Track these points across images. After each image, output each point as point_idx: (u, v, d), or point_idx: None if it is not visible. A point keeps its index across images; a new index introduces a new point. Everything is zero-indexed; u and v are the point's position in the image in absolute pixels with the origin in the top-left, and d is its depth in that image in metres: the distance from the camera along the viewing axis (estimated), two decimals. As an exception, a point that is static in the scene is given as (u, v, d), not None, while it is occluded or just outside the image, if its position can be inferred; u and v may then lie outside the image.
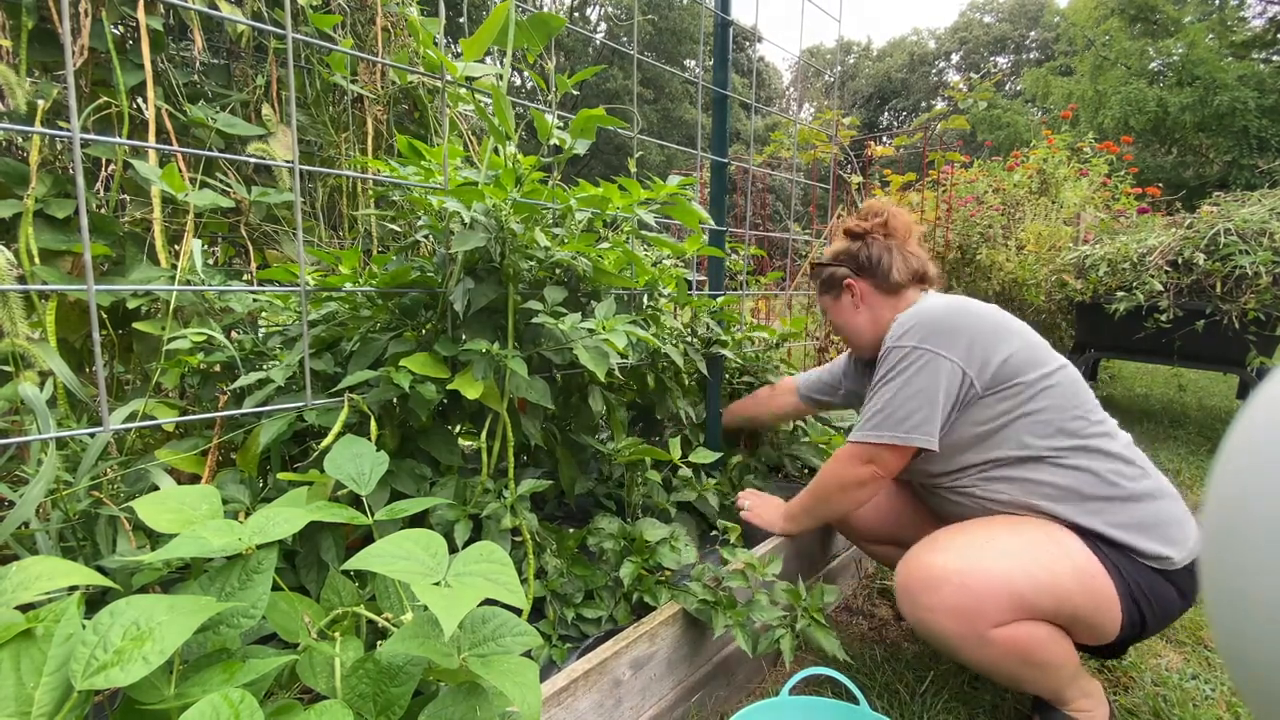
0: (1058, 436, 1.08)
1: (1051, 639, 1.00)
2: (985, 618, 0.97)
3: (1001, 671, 1.02)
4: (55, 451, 0.81)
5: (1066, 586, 0.99)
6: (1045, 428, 1.08)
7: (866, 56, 37.67)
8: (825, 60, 30.99)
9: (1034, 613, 0.99)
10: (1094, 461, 1.07)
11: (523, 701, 0.63)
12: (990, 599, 0.97)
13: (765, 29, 9.99)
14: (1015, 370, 1.09)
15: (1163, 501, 1.07)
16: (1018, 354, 1.09)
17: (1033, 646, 0.99)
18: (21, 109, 1.02)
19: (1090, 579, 1.00)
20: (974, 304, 1.16)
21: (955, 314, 1.13)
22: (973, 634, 0.98)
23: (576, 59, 21.99)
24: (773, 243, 4.12)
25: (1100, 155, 4.44)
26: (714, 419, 1.61)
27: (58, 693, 0.53)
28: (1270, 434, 0.27)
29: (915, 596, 1.03)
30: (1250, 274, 2.61)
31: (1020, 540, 1.04)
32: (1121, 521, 1.04)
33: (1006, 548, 1.02)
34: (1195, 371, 4.76)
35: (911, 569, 1.06)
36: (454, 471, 1.11)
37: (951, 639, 1.00)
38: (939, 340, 1.10)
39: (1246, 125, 10.59)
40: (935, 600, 1.00)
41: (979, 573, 0.99)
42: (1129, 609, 1.01)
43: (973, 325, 1.11)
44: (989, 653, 0.99)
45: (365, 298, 1.16)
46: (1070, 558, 1.02)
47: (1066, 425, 1.08)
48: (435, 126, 1.65)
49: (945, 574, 1.00)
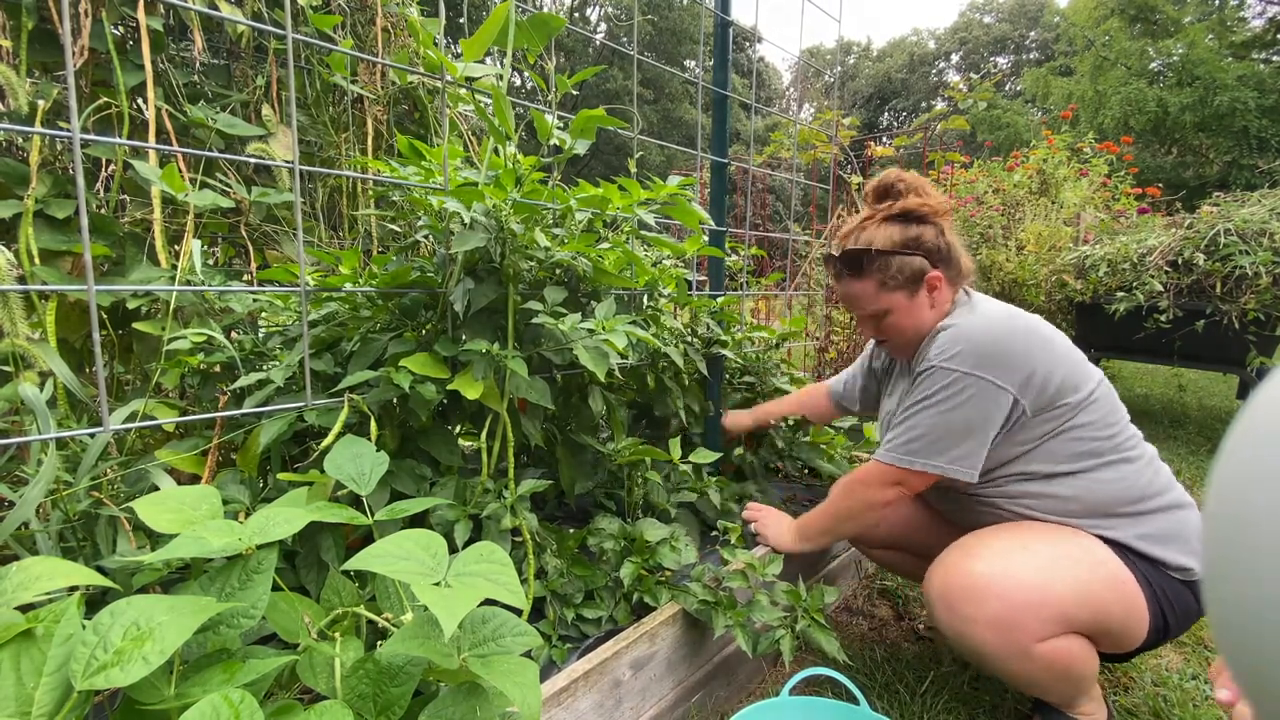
0: (1090, 453, 1.05)
1: (1087, 654, 0.99)
2: (1028, 632, 0.95)
3: (1036, 684, 1.00)
4: (55, 452, 0.81)
5: (1103, 598, 0.98)
6: (1080, 444, 1.05)
7: (866, 57, 37.68)
8: (825, 60, 30.99)
9: (1074, 626, 0.97)
10: (1122, 474, 1.04)
11: (523, 702, 0.63)
12: (1033, 613, 0.95)
13: (765, 29, 9.97)
14: (1063, 390, 1.04)
15: (1184, 512, 1.06)
16: (1068, 374, 1.04)
17: (1072, 661, 0.97)
18: (22, 109, 1.02)
19: (1124, 588, 0.99)
20: (1023, 317, 1.08)
21: (1010, 335, 1.04)
22: (1015, 648, 0.95)
23: (576, 59, 22.00)
24: (773, 243, 4.12)
25: (1100, 155, 4.44)
26: (714, 419, 1.61)
27: (58, 693, 0.53)
28: (1270, 434, 0.27)
29: (955, 606, 0.99)
30: (1250, 274, 2.61)
31: (1058, 551, 1.00)
32: (1147, 533, 1.03)
33: (1046, 559, 0.99)
34: (1195, 371, 4.76)
35: (951, 577, 1.01)
36: (454, 471, 1.11)
37: (991, 651, 0.97)
38: (994, 367, 1.02)
39: (1246, 125, 10.59)
40: (977, 612, 0.97)
41: (1023, 586, 0.95)
42: (1155, 617, 1.00)
43: (1026, 348, 1.03)
44: (1030, 667, 0.97)
45: (365, 298, 1.16)
46: (1105, 567, 1.00)
47: (1101, 439, 1.05)
48: (435, 127, 1.65)
49: (988, 584, 0.97)
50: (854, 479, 1.18)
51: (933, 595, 1.04)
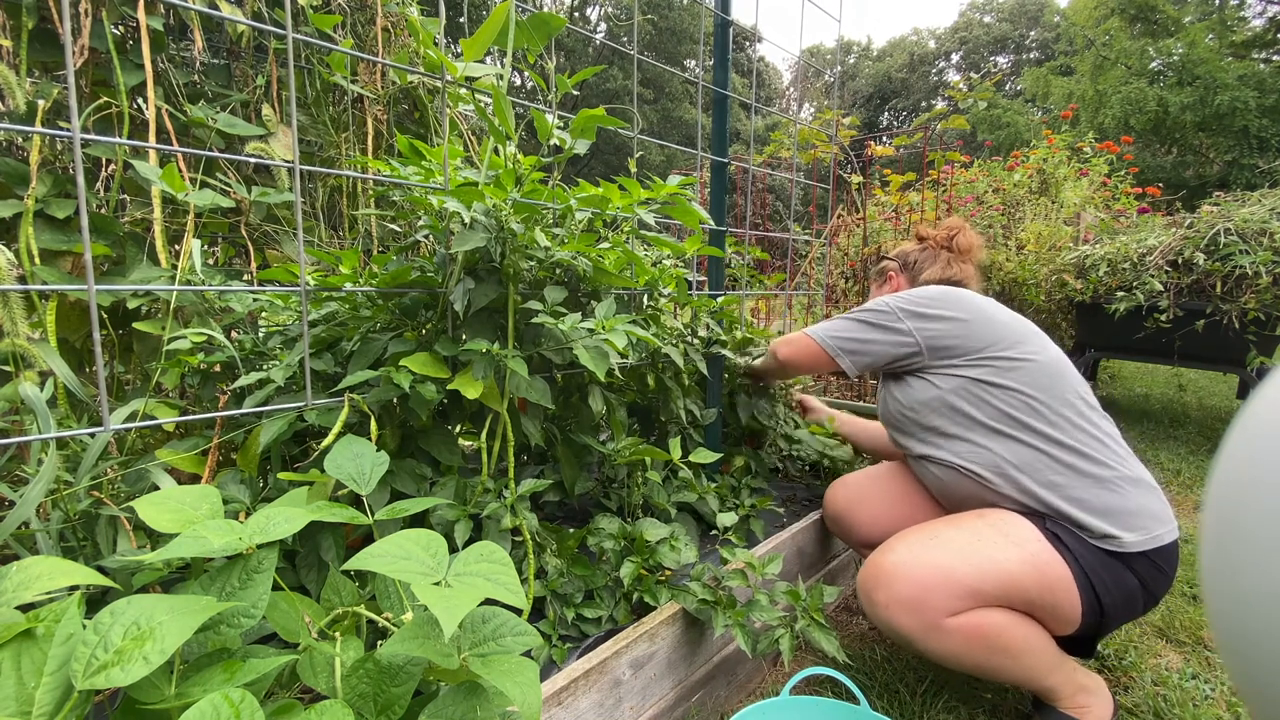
0: (1024, 413, 1.16)
1: (1011, 623, 1.04)
2: (935, 608, 1.02)
3: (968, 661, 1.04)
4: (55, 451, 0.81)
5: (1014, 572, 1.04)
6: (1009, 404, 1.17)
7: (866, 56, 37.65)
8: (825, 60, 30.98)
9: (983, 599, 1.03)
10: (1055, 445, 1.13)
11: (523, 701, 0.63)
12: (938, 589, 1.02)
13: (765, 29, 9.90)
14: (978, 345, 1.22)
15: (1129, 488, 1.10)
16: (982, 333, 1.23)
17: (991, 632, 1.03)
18: (21, 109, 1.02)
19: (1042, 565, 1.05)
20: (962, 295, 1.31)
21: (940, 296, 1.30)
22: (926, 624, 1.03)
23: (576, 59, 21.99)
24: (773, 243, 4.12)
25: (1100, 155, 4.43)
26: (714, 419, 1.61)
27: (58, 692, 0.53)
28: (1270, 434, 0.27)
29: (870, 594, 1.09)
30: (1250, 274, 2.61)
31: (969, 536, 1.09)
32: (1075, 498, 1.09)
33: (955, 544, 1.07)
34: (1195, 371, 4.76)
35: (866, 571, 1.12)
36: (454, 471, 1.11)
37: (909, 631, 1.04)
38: (909, 305, 1.30)
39: (1247, 125, 10.58)
40: (886, 595, 1.05)
41: (923, 565, 1.05)
42: (1087, 595, 1.05)
43: (948, 304, 1.28)
44: (949, 642, 1.03)
45: (365, 298, 1.16)
46: (1021, 546, 1.06)
47: (1033, 405, 1.16)
48: (435, 126, 1.65)
49: (893, 569, 1.06)
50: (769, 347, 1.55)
51: (858, 591, 1.13)
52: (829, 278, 3.34)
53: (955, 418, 1.23)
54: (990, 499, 1.18)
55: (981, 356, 1.22)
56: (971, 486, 1.21)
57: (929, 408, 1.26)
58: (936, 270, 1.48)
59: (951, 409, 1.23)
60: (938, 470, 1.27)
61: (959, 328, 1.25)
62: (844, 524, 1.47)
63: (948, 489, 1.26)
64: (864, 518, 1.43)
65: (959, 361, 1.24)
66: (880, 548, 1.13)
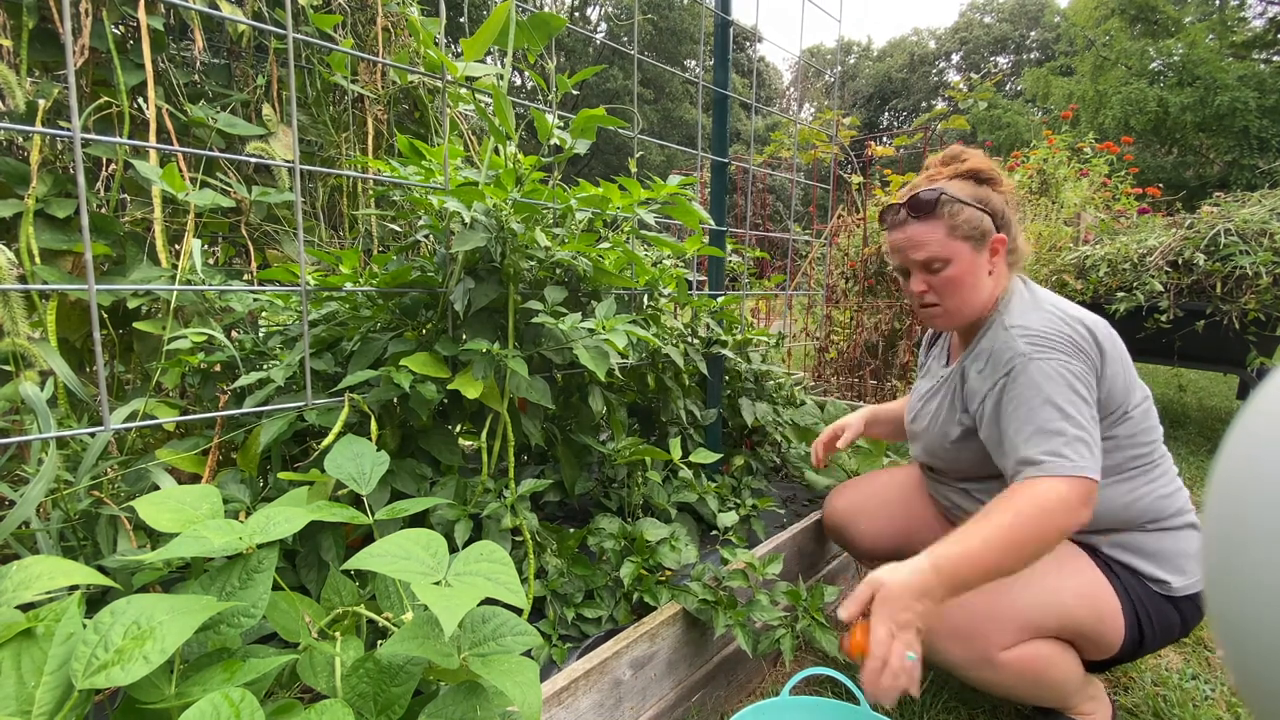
0: (1114, 467, 1.02)
1: (1058, 655, 0.99)
2: (991, 641, 0.95)
3: (1013, 693, 1.00)
4: (56, 451, 0.81)
5: (1070, 605, 0.98)
6: (1108, 456, 0.99)
7: (867, 56, 37.66)
8: (825, 60, 30.99)
9: (1040, 632, 0.97)
10: (1138, 493, 1.03)
11: (523, 701, 0.63)
12: (995, 621, 0.95)
13: (765, 29, 9.88)
14: (1113, 395, 1.01)
15: (1184, 532, 1.05)
16: (1125, 378, 1.02)
17: (1041, 666, 0.97)
18: (21, 109, 1.02)
19: (1095, 597, 0.99)
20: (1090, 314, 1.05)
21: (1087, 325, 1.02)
22: (979, 658, 0.96)
23: (577, 59, 21.99)
24: (773, 242, 4.12)
25: (1100, 155, 4.43)
26: (714, 419, 1.61)
27: (58, 692, 0.54)
28: (1270, 434, 0.27)
29: None
30: (1250, 274, 2.61)
31: None
32: (1134, 545, 1.03)
33: None
34: (1195, 371, 4.76)
35: None
36: (454, 471, 1.11)
37: (956, 662, 0.98)
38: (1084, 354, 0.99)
39: (1247, 125, 10.57)
40: (939, 624, 0.93)
41: (983, 594, 0.90)
42: (1131, 626, 1.00)
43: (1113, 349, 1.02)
44: (999, 676, 0.97)
45: (365, 298, 1.16)
46: (1076, 575, 1.00)
47: (1127, 456, 1.03)
48: (436, 126, 1.65)
49: None
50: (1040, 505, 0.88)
51: None
52: (829, 278, 3.34)
53: None
54: None
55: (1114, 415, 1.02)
56: None
57: None
58: (1019, 231, 1.13)
59: None
60: (982, 498, 1.10)
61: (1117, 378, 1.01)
62: (845, 535, 1.40)
63: None
64: (866, 529, 1.36)
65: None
66: None
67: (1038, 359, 0.96)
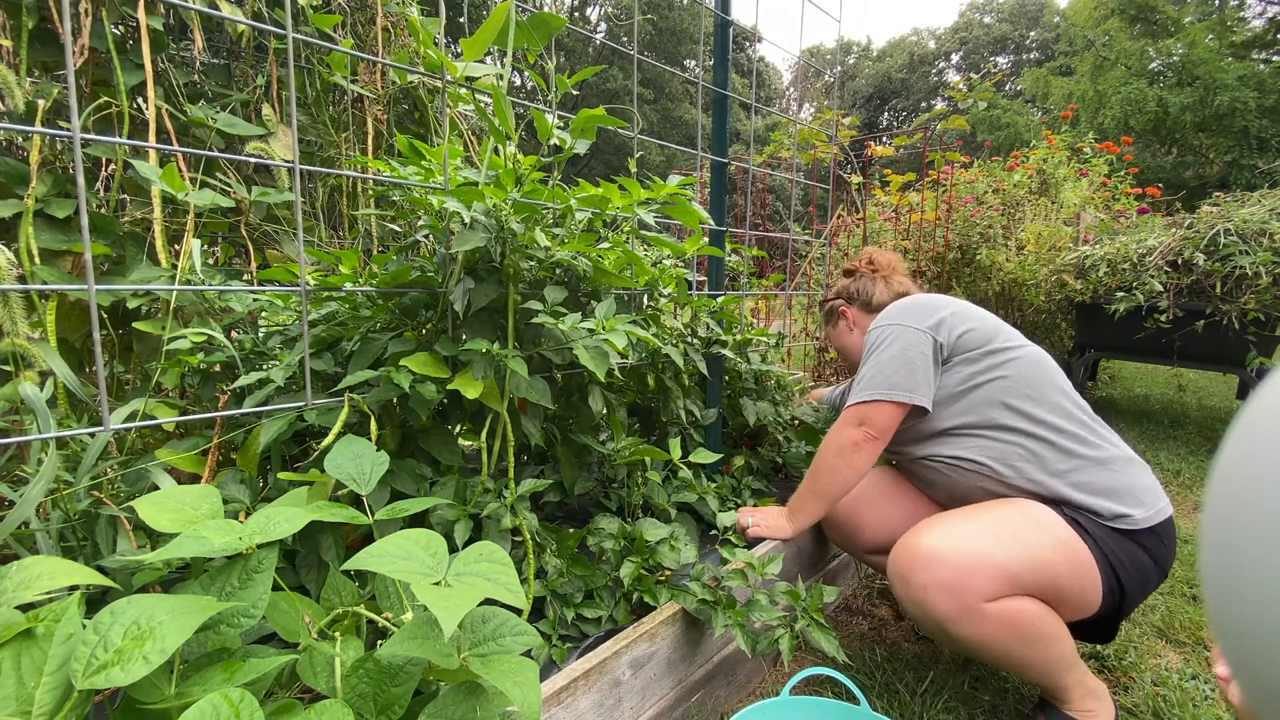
0: (1023, 403, 1.18)
1: (1043, 614, 1.05)
2: (975, 591, 1.02)
3: (998, 649, 1.05)
4: (55, 451, 0.81)
5: (1048, 558, 1.05)
6: (1009, 394, 1.19)
7: (866, 56, 37.66)
8: (825, 60, 30.98)
9: (1022, 587, 1.04)
10: (1056, 431, 1.16)
11: (523, 701, 0.63)
12: (978, 573, 1.02)
13: (765, 29, 9.86)
14: (978, 340, 1.23)
15: (1125, 467, 1.15)
16: (979, 329, 1.24)
17: (1024, 620, 1.03)
18: (21, 109, 1.02)
19: (1071, 550, 1.07)
20: (938, 296, 1.34)
21: (921, 300, 1.31)
22: (965, 608, 1.02)
23: (576, 59, 21.98)
24: (773, 242, 4.12)
25: (1100, 155, 4.43)
26: (714, 419, 1.61)
27: (58, 692, 0.53)
28: (1270, 434, 0.27)
29: (907, 577, 1.07)
30: (1250, 274, 2.61)
31: (1004, 521, 1.10)
32: (1082, 482, 1.12)
33: (989, 528, 1.08)
34: (1195, 371, 4.76)
35: (901, 553, 1.11)
36: (454, 471, 1.11)
37: (946, 615, 1.04)
38: (908, 317, 1.27)
39: (1246, 125, 10.58)
40: (927, 578, 1.04)
41: (961, 549, 1.05)
42: (1107, 576, 1.07)
43: (936, 305, 1.28)
44: (984, 628, 1.03)
45: (365, 298, 1.16)
46: (1049, 531, 1.08)
47: (1030, 395, 1.18)
48: (435, 126, 1.65)
49: (934, 552, 1.05)
50: (827, 436, 1.30)
51: (891, 573, 1.12)
52: (829, 278, 3.34)
53: (958, 414, 1.23)
54: (999, 491, 1.19)
55: (983, 351, 1.23)
56: (978, 480, 1.21)
57: (936, 407, 1.25)
58: (881, 291, 1.50)
59: (955, 405, 1.23)
60: (942, 467, 1.26)
61: (960, 323, 1.25)
62: (847, 530, 1.43)
63: (954, 486, 1.26)
64: (869, 521, 1.39)
65: (964, 357, 1.24)
66: (912, 531, 1.13)
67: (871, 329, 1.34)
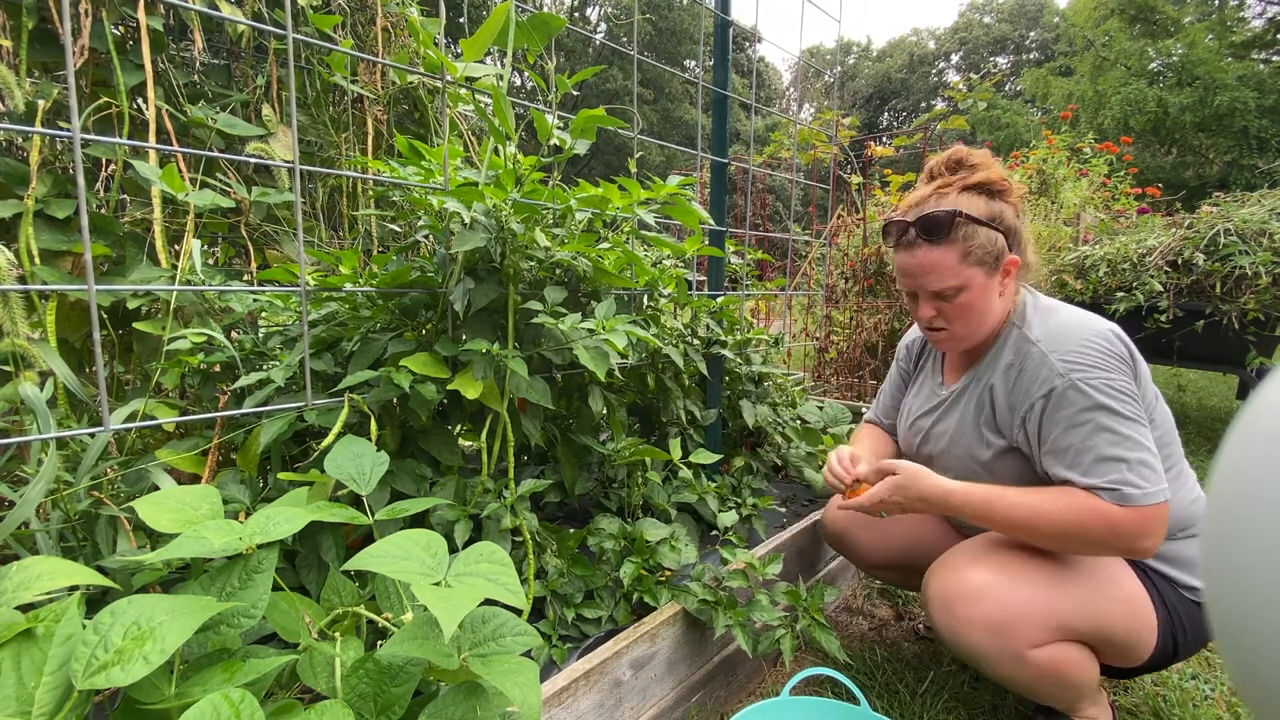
0: None
1: (1085, 660, 0.99)
2: (1024, 639, 0.95)
3: (1033, 690, 1.00)
4: (55, 451, 0.81)
5: (1108, 611, 0.97)
6: None
7: (866, 57, 37.66)
8: (825, 60, 30.99)
9: (1072, 635, 0.97)
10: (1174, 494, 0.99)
11: (523, 701, 0.63)
12: (1030, 620, 0.95)
13: (765, 29, 9.86)
14: (1146, 403, 0.99)
15: None
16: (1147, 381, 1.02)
17: (1068, 669, 0.97)
18: (21, 109, 1.02)
19: (1133, 605, 0.98)
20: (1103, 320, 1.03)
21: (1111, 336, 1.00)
22: (1008, 652, 0.96)
23: (576, 59, 21.99)
24: (773, 243, 4.12)
25: (1100, 155, 4.43)
26: (714, 419, 1.61)
27: (58, 692, 0.53)
28: (1270, 434, 0.27)
29: (949, 606, 0.99)
30: (1250, 274, 2.61)
31: (1066, 564, 0.99)
32: (1170, 555, 1.02)
33: (1051, 569, 0.98)
34: (1195, 371, 4.76)
35: (944, 582, 1.01)
36: (454, 471, 1.11)
37: (985, 653, 0.97)
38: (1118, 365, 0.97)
39: (1246, 125, 10.57)
40: (970, 613, 0.97)
41: (1017, 592, 0.95)
42: (1164, 636, 0.99)
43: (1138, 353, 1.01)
44: (1024, 672, 0.97)
45: (365, 298, 1.16)
46: (1115, 584, 0.99)
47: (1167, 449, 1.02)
48: (435, 127, 1.65)
49: (983, 588, 0.97)
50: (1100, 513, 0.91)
51: (930, 595, 1.03)
52: (829, 278, 3.34)
53: None
54: None
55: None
56: None
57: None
58: (1031, 253, 1.08)
59: None
60: None
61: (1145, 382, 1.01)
62: (845, 544, 1.36)
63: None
64: (867, 539, 1.32)
65: None
66: (956, 562, 1.02)
67: (1078, 378, 0.95)
